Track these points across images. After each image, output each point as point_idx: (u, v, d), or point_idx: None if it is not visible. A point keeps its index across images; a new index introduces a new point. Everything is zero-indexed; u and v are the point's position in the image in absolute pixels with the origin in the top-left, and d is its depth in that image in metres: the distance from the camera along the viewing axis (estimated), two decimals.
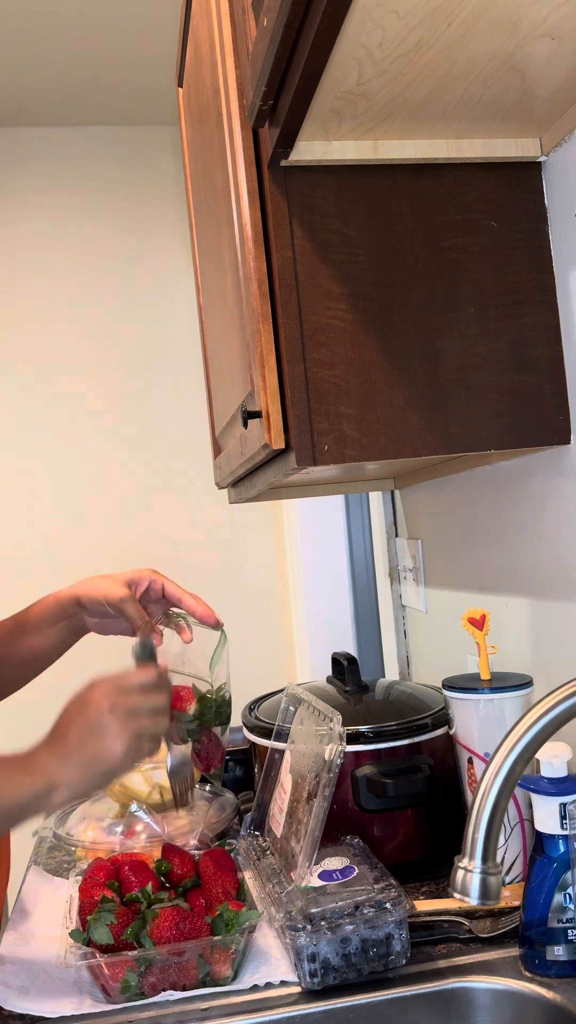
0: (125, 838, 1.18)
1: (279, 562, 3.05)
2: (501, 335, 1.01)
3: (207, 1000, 0.87)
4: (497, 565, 1.28)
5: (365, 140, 0.97)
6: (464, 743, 1.05)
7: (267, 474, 1.15)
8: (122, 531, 2.96)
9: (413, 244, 1.00)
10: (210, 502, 2.95)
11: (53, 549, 2.91)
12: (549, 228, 1.03)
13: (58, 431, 2.95)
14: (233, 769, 1.47)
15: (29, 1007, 0.88)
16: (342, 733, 0.98)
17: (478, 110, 0.92)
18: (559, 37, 0.80)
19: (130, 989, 0.88)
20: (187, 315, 2.98)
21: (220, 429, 1.49)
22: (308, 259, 0.97)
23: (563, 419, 1.02)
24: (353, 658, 1.29)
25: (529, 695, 1.03)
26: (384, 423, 0.98)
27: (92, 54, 2.58)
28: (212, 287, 1.39)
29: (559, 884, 0.85)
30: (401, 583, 1.79)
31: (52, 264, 2.98)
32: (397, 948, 0.88)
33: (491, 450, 1.00)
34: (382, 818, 1.11)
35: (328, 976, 0.86)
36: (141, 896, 0.95)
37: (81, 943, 0.89)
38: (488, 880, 0.68)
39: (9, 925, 1.07)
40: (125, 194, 3.03)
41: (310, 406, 0.96)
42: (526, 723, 0.70)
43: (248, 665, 3.04)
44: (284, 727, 1.18)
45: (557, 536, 1.09)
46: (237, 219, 1.06)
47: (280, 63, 0.81)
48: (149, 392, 3.01)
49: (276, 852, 1.08)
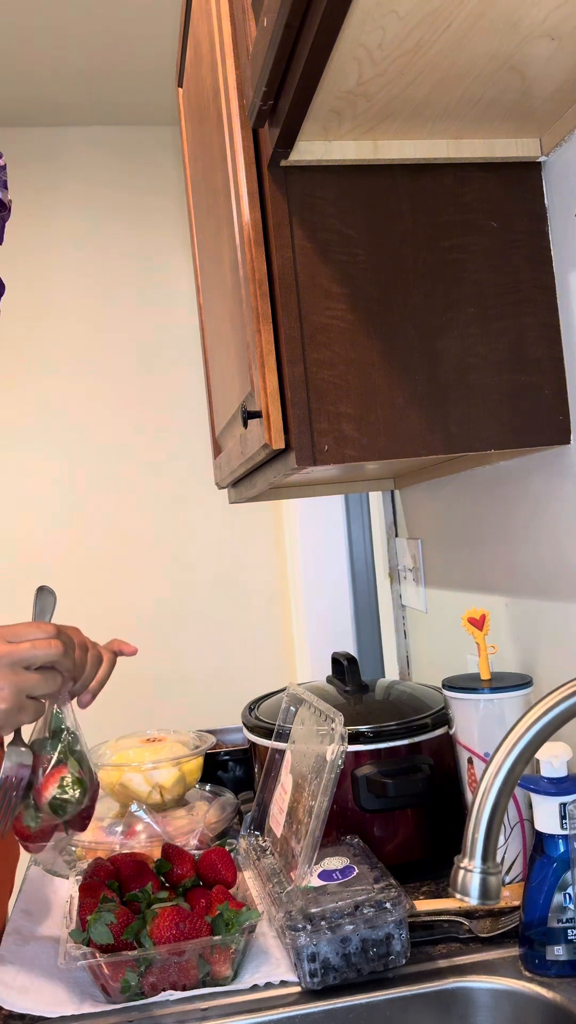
0: (125, 838, 1.18)
1: (279, 562, 3.05)
2: (501, 335, 1.01)
3: (207, 1000, 0.87)
4: (497, 565, 1.28)
5: (365, 140, 0.97)
6: (464, 743, 1.05)
7: (267, 474, 1.15)
8: (122, 531, 2.96)
9: (413, 244, 1.00)
10: (210, 502, 2.95)
11: (53, 550, 2.91)
12: (549, 228, 1.03)
13: (58, 431, 2.95)
14: (233, 769, 1.47)
15: (29, 1007, 0.88)
16: (344, 734, 0.98)
17: (478, 110, 0.92)
18: (559, 37, 0.80)
19: (130, 989, 0.88)
20: (187, 315, 2.98)
21: (220, 429, 1.49)
22: (308, 259, 0.97)
23: (563, 419, 1.02)
24: (353, 658, 1.29)
25: (529, 695, 1.03)
26: (384, 423, 0.98)
27: (92, 54, 2.58)
28: (212, 287, 1.39)
29: (559, 884, 0.85)
30: (401, 583, 1.79)
31: (52, 264, 2.98)
32: (397, 948, 0.88)
33: (491, 450, 1.00)
34: (382, 818, 1.11)
35: (328, 976, 0.86)
36: (141, 896, 0.95)
37: (81, 943, 0.89)
38: (488, 880, 0.68)
39: (9, 925, 1.07)
40: (125, 194, 3.03)
41: (310, 406, 0.96)
42: (526, 723, 0.70)
43: (248, 665, 3.05)
44: (285, 727, 1.18)
45: (557, 536, 1.09)
46: (237, 219, 1.06)
47: (280, 63, 0.81)
48: (149, 392, 3.01)
49: (276, 852, 1.08)
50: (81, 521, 2.94)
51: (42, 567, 2.87)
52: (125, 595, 2.94)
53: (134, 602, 2.93)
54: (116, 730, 1.55)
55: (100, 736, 1.45)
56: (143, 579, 2.95)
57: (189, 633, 2.96)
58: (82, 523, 2.94)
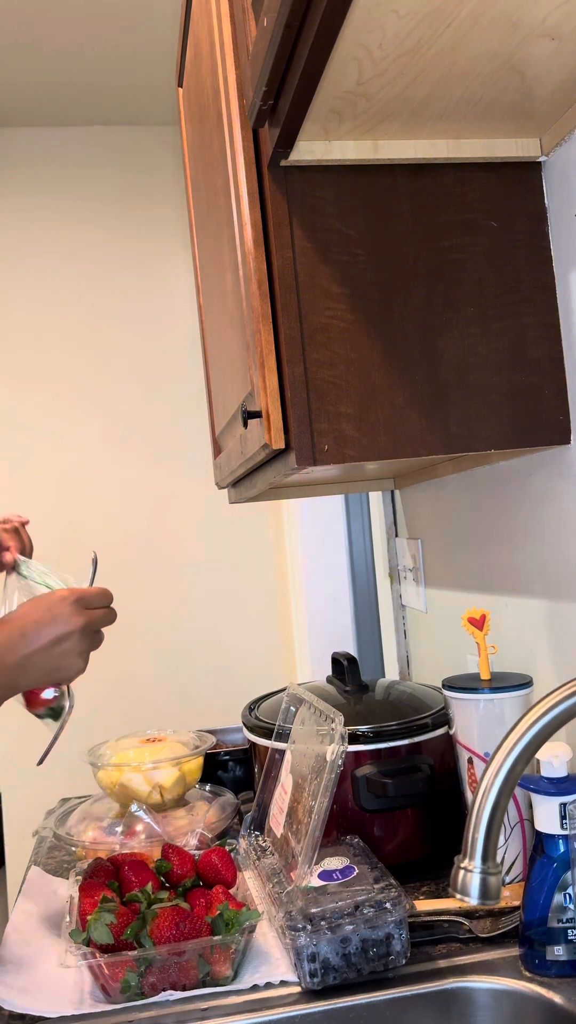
0: (125, 838, 1.18)
1: (279, 562, 3.05)
2: (501, 335, 1.01)
3: (207, 1000, 0.87)
4: (497, 565, 1.28)
5: (365, 140, 0.97)
6: (464, 743, 1.05)
7: (267, 474, 1.15)
8: (122, 531, 2.96)
9: (413, 244, 1.00)
10: (210, 502, 2.95)
11: (53, 550, 2.91)
12: (549, 228, 1.03)
13: (58, 432, 2.95)
14: (233, 769, 1.47)
15: (29, 1007, 0.88)
16: (344, 734, 0.98)
17: (478, 110, 0.92)
18: (559, 37, 0.80)
19: (130, 989, 0.88)
20: (187, 315, 2.98)
21: (220, 429, 1.49)
22: (308, 259, 0.97)
23: (563, 419, 1.02)
24: (353, 658, 1.29)
25: (529, 695, 1.03)
26: (384, 423, 0.98)
27: (92, 54, 2.58)
28: (212, 287, 1.39)
29: (559, 884, 0.85)
30: (401, 583, 1.79)
31: (52, 264, 2.98)
32: (397, 948, 0.88)
33: (491, 450, 1.00)
34: (382, 818, 1.11)
35: (328, 976, 0.86)
36: (141, 896, 0.95)
37: (81, 943, 0.89)
38: (488, 880, 0.68)
39: (9, 925, 1.07)
40: (125, 194, 3.03)
41: (310, 406, 0.96)
42: (526, 723, 0.70)
43: (248, 665, 3.05)
44: (285, 727, 1.18)
45: (557, 536, 1.09)
46: (237, 219, 1.06)
47: (280, 63, 0.81)
48: (149, 391, 3.01)
49: (276, 852, 1.08)
50: (81, 521, 2.94)
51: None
52: (125, 595, 2.93)
53: (134, 602, 2.93)
54: (116, 730, 1.55)
55: (100, 736, 1.46)
56: (143, 579, 2.95)
57: (189, 633, 2.96)
58: (82, 523, 2.94)
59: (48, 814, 1.49)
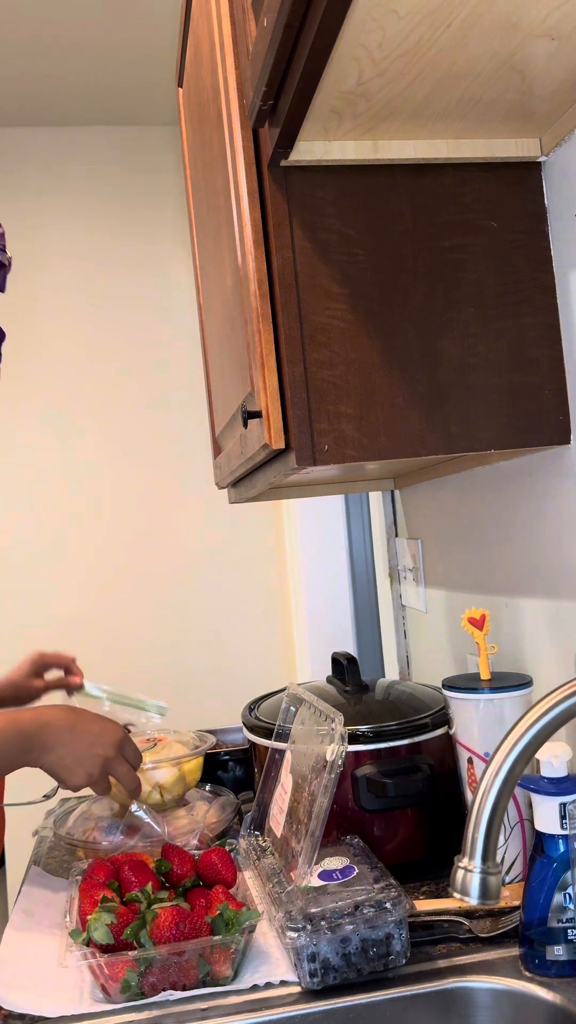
0: (125, 838, 1.18)
1: (279, 562, 3.05)
2: (501, 335, 1.01)
3: (207, 1000, 0.87)
4: (497, 565, 1.28)
5: (365, 140, 0.97)
6: (464, 743, 1.05)
7: (267, 474, 1.15)
8: (122, 532, 2.95)
9: (413, 244, 1.00)
10: (210, 502, 2.95)
11: (53, 550, 2.91)
12: (549, 228, 1.03)
13: (58, 432, 2.95)
14: (233, 769, 1.47)
15: (29, 1007, 0.88)
16: (344, 734, 0.98)
17: (478, 110, 0.92)
18: (559, 37, 0.80)
19: (130, 989, 0.88)
20: (187, 315, 2.98)
21: (220, 429, 1.49)
22: (308, 259, 0.97)
23: (563, 419, 1.02)
24: (353, 658, 1.29)
25: (529, 695, 1.03)
26: (384, 423, 0.98)
27: (92, 54, 2.58)
28: (212, 287, 1.39)
29: (559, 884, 0.85)
30: (401, 583, 1.79)
31: (51, 263, 2.98)
32: (397, 948, 0.88)
33: (491, 450, 1.00)
34: (382, 818, 1.11)
35: (328, 976, 0.86)
36: (141, 896, 0.95)
37: (81, 943, 0.89)
38: (488, 880, 0.68)
39: (9, 925, 1.07)
40: (125, 194, 3.03)
41: (310, 406, 0.96)
42: (526, 723, 0.70)
43: (248, 665, 3.05)
44: (285, 727, 1.18)
45: (557, 536, 1.09)
46: (237, 219, 1.06)
47: (280, 63, 0.81)
48: (149, 391, 3.01)
49: (276, 852, 1.08)
50: (81, 521, 2.94)
51: (42, 567, 2.88)
52: (125, 595, 2.94)
53: (134, 602, 2.93)
54: None
55: None
56: (143, 579, 2.95)
57: (189, 633, 2.96)
58: (82, 523, 2.94)
59: (48, 814, 1.49)
